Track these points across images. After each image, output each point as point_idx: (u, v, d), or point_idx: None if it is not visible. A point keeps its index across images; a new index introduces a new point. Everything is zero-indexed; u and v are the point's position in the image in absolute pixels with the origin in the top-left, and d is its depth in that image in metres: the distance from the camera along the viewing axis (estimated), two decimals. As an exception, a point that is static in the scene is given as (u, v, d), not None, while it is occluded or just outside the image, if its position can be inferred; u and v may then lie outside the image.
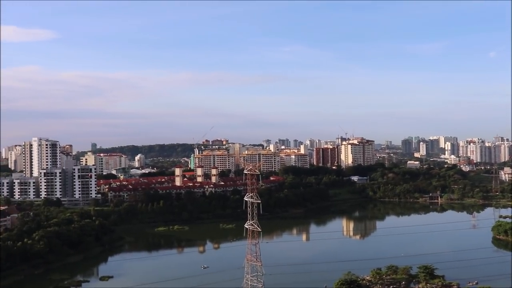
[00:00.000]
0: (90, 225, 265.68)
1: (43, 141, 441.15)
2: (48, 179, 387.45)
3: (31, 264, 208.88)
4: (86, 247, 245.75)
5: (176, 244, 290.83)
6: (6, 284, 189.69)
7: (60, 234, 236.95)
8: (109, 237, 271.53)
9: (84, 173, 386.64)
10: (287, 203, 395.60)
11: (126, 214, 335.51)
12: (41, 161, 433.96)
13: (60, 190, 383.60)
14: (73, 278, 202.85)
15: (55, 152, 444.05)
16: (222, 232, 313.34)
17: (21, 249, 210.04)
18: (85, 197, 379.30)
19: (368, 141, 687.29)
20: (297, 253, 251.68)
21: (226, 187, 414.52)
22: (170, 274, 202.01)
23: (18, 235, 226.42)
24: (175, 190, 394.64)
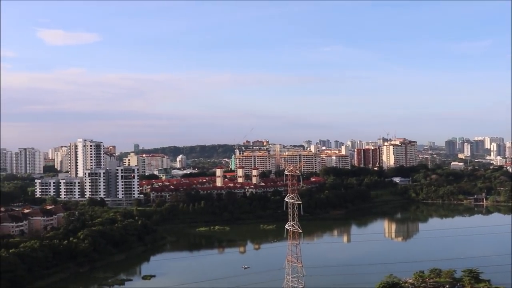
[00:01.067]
0: (133, 225, 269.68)
1: (87, 142, 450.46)
2: (92, 179, 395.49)
3: (76, 262, 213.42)
4: (129, 247, 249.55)
5: (217, 244, 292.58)
6: (52, 282, 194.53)
7: (104, 233, 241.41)
8: (151, 236, 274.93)
9: (127, 174, 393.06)
10: (328, 204, 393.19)
11: (168, 214, 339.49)
12: (86, 162, 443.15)
13: (104, 190, 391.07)
14: (116, 276, 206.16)
15: (99, 153, 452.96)
16: (262, 232, 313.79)
17: (66, 248, 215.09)
18: (128, 197, 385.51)
19: (410, 142, 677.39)
20: (338, 255, 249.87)
21: (266, 188, 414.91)
22: (211, 274, 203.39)
23: (64, 234, 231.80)
24: (216, 191, 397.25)
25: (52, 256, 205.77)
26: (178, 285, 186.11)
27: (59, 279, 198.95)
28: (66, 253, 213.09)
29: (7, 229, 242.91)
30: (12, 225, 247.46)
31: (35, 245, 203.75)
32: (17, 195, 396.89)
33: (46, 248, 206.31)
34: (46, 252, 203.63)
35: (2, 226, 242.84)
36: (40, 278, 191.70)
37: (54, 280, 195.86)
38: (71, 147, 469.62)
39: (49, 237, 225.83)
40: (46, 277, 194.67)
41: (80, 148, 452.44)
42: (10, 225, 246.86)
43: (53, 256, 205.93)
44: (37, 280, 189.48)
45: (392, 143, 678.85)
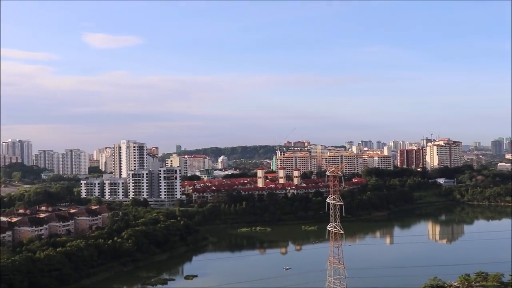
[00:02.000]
0: (175, 225, 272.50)
1: (131, 143, 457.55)
2: (135, 180, 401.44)
3: (120, 261, 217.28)
4: (172, 247, 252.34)
5: (259, 245, 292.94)
6: (97, 280, 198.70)
7: (147, 233, 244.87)
8: (193, 237, 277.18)
9: (169, 175, 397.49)
10: (370, 205, 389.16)
11: (209, 214, 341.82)
12: (129, 163, 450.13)
13: (147, 191, 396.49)
14: (159, 276, 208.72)
15: (142, 154, 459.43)
16: (304, 233, 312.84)
17: (111, 247, 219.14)
18: (171, 197, 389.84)
19: (455, 142, 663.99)
20: (381, 256, 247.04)
21: (308, 189, 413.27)
22: (252, 274, 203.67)
23: (109, 234, 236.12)
24: (258, 192, 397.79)
25: (97, 255, 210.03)
26: (220, 285, 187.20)
27: (104, 278, 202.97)
28: (110, 253, 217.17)
29: (55, 229, 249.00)
30: (59, 225, 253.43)
31: (81, 244, 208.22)
32: (64, 195, 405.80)
33: (92, 247, 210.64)
34: (92, 251, 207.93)
35: (50, 226, 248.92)
36: (86, 277, 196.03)
37: (99, 279, 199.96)
38: (115, 148, 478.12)
39: (94, 236, 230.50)
40: (91, 275, 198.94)
41: (123, 149, 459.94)
42: (57, 224, 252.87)
43: (98, 255, 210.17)
44: (83, 279, 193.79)
45: (436, 144, 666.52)
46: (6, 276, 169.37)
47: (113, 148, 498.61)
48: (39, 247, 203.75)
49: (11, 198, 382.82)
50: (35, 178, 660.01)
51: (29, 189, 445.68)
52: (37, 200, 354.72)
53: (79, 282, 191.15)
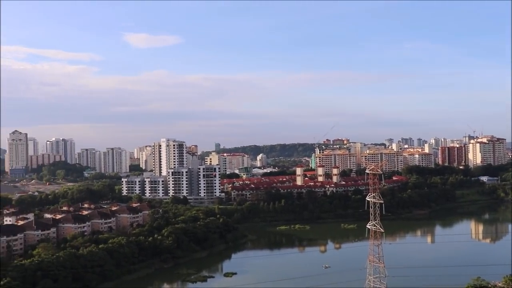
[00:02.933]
0: (214, 223, 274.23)
1: (170, 141, 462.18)
2: (175, 178, 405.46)
3: (160, 258, 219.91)
4: (211, 244, 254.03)
5: (297, 243, 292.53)
6: (139, 276, 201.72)
7: (187, 230, 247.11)
8: (233, 234, 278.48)
9: (208, 173, 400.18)
10: (411, 203, 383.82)
11: (248, 212, 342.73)
12: (169, 161, 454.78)
13: (186, 189, 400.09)
14: (199, 273, 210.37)
15: (182, 152, 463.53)
16: (343, 232, 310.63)
17: (151, 244, 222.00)
18: (210, 195, 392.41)
19: (498, 139, 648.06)
20: (422, 256, 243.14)
21: (347, 187, 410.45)
22: (291, 272, 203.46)
23: (149, 231, 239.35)
24: (296, 190, 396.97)
25: (138, 252, 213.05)
26: (259, 283, 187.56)
27: (145, 274, 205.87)
28: (151, 249, 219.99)
29: (97, 226, 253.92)
30: (101, 222, 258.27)
31: (122, 241, 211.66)
32: (106, 193, 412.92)
33: (133, 244, 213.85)
34: (133, 248, 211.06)
35: (93, 223, 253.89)
36: (127, 273, 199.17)
37: (140, 275, 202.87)
38: (155, 146, 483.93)
39: (135, 233, 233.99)
40: (132, 272, 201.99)
41: (163, 148, 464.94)
42: (100, 221, 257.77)
43: (139, 252, 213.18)
44: (124, 275, 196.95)
45: (479, 141, 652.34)
46: (51, 271, 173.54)
47: (153, 146, 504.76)
48: (82, 243, 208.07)
49: (55, 195, 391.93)
50: (78, 176, 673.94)
51: (72, 187, 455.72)
52: (80, 198, 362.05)
53: (121, 278, 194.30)
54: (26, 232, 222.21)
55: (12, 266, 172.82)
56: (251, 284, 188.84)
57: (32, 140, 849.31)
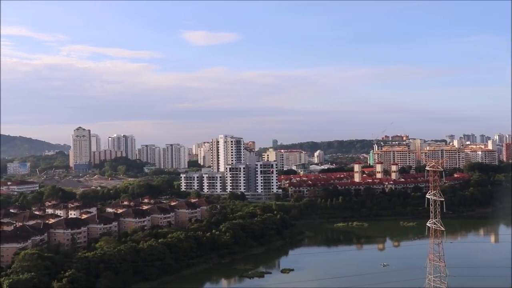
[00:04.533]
0: (272, 219, 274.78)
1: (228, 138, 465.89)
2: (233, 174, 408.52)
3: (218, 253, 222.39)
4: (268, 240, 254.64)
5: (355, 240, 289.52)
6: (197, 271, 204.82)
7: (244, 226, 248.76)
8: (290, 231, 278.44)
9: (266, 169, 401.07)
10: (473, 201, 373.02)
11: (306, 209, 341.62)
12: (227, 157, 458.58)
13: (244, 185, 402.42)
14: (256, 269, 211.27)
15: (239, 149, 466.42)
16: (402, 229, 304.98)
17: (209, 239, 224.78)
18: (267, 191, 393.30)
19: None
20: (484, 255, 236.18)
21: (406, 184, 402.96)
22: (349, 270, 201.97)
23: (207, 226, 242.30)
24: (354, 186, 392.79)
25: (196, 246, 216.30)
26: (316, 280, 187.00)
27: (203, 269, 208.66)
28: (209, 245, 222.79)
29: (156, 220, 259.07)
30: (161, 217, 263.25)
31: (181, 236, 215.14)
32: (165, 188, 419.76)
33: (191, 239, 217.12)
34: (191, 243, 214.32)
35: (152, 218, 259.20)
36: (186, 267, 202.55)
37: (198, 270, 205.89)
38: (213, 143, 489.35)
39: (193, 228, 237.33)
40: (191, 266, 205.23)
41: (221, 144, 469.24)
42: (159, 216, 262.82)
43: (197, 247, 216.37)
44: (183, 269, 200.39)
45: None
46: (113, 264, 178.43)
47: (211, 142, 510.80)
48: (142, 237, 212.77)
49: (117, 190, 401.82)
50: (138, 171, 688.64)
51: (133, 182, 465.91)
52: (140, 193, 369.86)
53: (180, 272, 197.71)
54: (89, 226, 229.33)
55: (76, 258, 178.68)
56: (308, 281, 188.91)
57: (95, 136, 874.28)
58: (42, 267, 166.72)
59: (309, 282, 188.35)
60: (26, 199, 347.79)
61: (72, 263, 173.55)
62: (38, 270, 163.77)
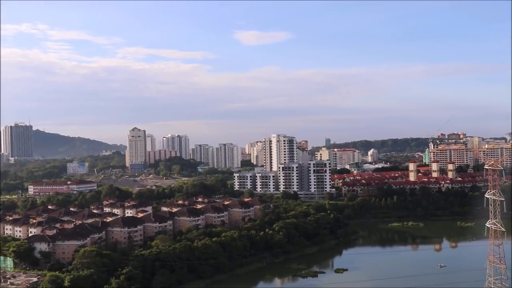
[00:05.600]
0: (325, 218, 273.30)
1: (281, 137, 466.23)
2: (286, 173, 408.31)
3: (271, 252, 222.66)
4: (322, 240, 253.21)
5: (411, 240, 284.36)
6: (250, 270, 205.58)
7: (298, 226, 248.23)
8: (343, 230, 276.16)
9: (319, 168, 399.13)
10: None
11: (359, 208, 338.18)
12: (280, 156, 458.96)
13: (297, 184, 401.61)
14: (309, 268, 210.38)
15: (292, 148, 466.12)
16: (459, 230, 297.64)
17: (263, 238, 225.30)
18: (320, 191, 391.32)
19: None
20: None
21: (464, 183, 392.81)
22: (404, 270, 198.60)
23: (260, 225, 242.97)
24: (409, 186, 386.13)
25: (250, 245, 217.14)
26: (371, 280, 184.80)
27: (256, 267, 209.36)
28: (262, 244, 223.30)
29: (210, 219, 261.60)
30: (214, 216, 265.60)
31: (234, 235, 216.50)
32: (218, 187, 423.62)
33: (244, 238, 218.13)
34: (244, 242, 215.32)
35: (206, 217, 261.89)
36: (239, 266, 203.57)
37: (251, 269, 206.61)
38: (265, 142, 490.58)
39: (246, 227, 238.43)
40: (244, 265, 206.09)
41: (274, 143, 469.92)
42: (213, 215, 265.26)
43: (250, 246, 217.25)
44: (237, 268, 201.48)
45: None
46: (168, 262, 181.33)
47: (264, 142, 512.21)
48: (197, 236, 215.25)
49: (171, 189, 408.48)
50: (192, 171, 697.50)
51: (187, 181, 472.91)
52: (194, 192, 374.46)
53: (233, 271, 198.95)
54: (145, 224, 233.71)
55: (133, 256, 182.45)
56: (363, 281, 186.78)
57: (150, 136, 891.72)
58: (100, 264, 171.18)
59: (363, 282, 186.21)
60: (85, 198, 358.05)
61: (129, 260, 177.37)
62: (97, 267, 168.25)
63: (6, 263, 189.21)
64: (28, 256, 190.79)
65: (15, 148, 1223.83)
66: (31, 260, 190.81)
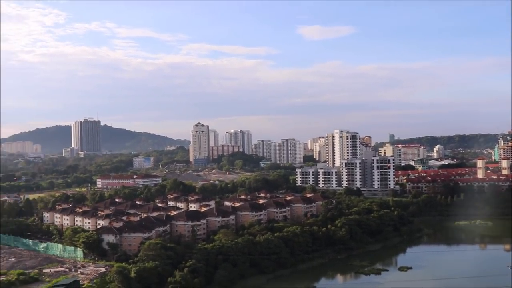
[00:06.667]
0: (389, 215, 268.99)
1: (344, 132, 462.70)
2: (348, 169, 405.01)
3: (334, 249, 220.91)
4: (385, 237, 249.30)
5: (478, 239, 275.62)
6: (312, 266, 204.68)
7: (360, 222, 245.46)
8: (408, 228, 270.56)
9: (382, 164, 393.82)
10: None
11: (424, 205, 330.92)
12: (342, 152, 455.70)
13: (360, 180, 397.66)
14: (372, 265, 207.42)
15: (355, 143, 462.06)
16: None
17: (325, 234, 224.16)
18: (384, 187, 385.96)
19: None
20: None
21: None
22: (471, 270, 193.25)
23: (323, 221, 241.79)
24: (477, 183, 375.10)
25: (312, 241, 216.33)
26: (436, 279, 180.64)
27: (318, 263, 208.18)
28: (324, 240, 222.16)
29: (272, 214, 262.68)
30: (277, 211, 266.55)
31: (296, 230, 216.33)
32: (280, 183, 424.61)
33: (307, 234, 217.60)
34: (307, 238, 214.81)
35: (268, 212, 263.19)
36: (301, 262, 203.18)
37: (313, 264, 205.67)
38: (328, 138, 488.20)
39: (309, 223, 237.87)
40: (306, 261, 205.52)
41: (337, 139, 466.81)
42: (275, 210, 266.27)
43: (312, 242, 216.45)
44: (299, 263, 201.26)
45: None
46: (231, 256, 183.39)
47: (326, 137, 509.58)
48: (259, 231, 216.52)
49: (234, 184, 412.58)
50: (255, 166, 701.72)
51: (249, 176, 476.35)
52: (257, 187, 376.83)
53: (296, 266, 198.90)
54: (208, 218, 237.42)
55: (196, 249, 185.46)
56: (427, 280, 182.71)
57: (213, 131, 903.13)
58: (165, 256, 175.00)
59: (428, 282, 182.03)
60: (150, 192, 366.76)
61: (192, 254, 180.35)
62: (162, 259, 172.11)
63: (77, 253, 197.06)
64: (96, 247, 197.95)
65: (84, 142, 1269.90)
66: (99, 251, 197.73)
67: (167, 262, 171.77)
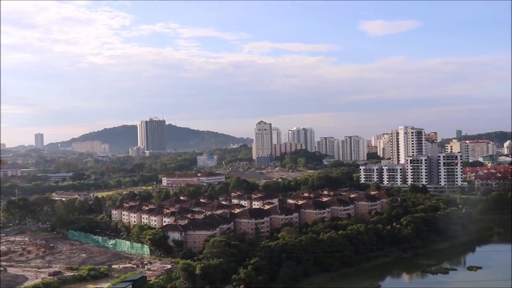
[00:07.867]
0: (456, 213, 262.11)
1: (408, 129, 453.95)
2: (414, 166, 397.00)
3: (399, 247, 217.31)
4: (452, 235, 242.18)
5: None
6: (377, 264, 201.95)
7: (427, 220, 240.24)
8: (476, 226, 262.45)
9: (449, 161, 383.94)
10: None
11: (494, 203, 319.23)
12: (407, 149, 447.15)
13: (425, 177, 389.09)
14: (440, 265, 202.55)
15: (421, 140, 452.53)
16: None
17: (390, 233, 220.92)
18: (451, 184, 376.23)
19: None
20: None
21: None
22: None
23: (387, 219, 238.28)
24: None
25: (376, 240, 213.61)
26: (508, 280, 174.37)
27: (383, 262, 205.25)
28: (389, 238, 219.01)
29: (336, 212, 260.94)
30: (340, 209, 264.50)
31: (360, 228, 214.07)
32: (344, 180, 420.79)
33: (371, 232, 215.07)
34: (371, 236, 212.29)
35: (332, 209, 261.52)
36: (366, 260, 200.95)
37: (378, 263, 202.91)
38: (392, 134, 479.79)
39: (373, 221, 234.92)
40: (371, 259, 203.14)
41: (401, 135, 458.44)
42: (338, 208, 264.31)
43: (377, 240, 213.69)
44: (363, 262, 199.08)
45: None
46: (294, 253, 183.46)
47: (390, 134, 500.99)
48: (322, 229, 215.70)
49: (297, 182, 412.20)
50: (317, 163, 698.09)
51: (312, 174, 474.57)
52: (320, 185, 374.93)
53: (360, 264, 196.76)
54: (271, 216, 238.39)
55: (260, 247, 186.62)
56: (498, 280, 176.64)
57: (276, 129, 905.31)
58: (229, 253, 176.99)
59: (499, 282, 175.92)
60: (214, 190, 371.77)
61: (256, 251, 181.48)
62: (226, 256, 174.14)
63: (144, 250, 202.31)
64: (162, 244, 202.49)
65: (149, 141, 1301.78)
66: (165, 248, 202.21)
67: (231, 260, 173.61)
